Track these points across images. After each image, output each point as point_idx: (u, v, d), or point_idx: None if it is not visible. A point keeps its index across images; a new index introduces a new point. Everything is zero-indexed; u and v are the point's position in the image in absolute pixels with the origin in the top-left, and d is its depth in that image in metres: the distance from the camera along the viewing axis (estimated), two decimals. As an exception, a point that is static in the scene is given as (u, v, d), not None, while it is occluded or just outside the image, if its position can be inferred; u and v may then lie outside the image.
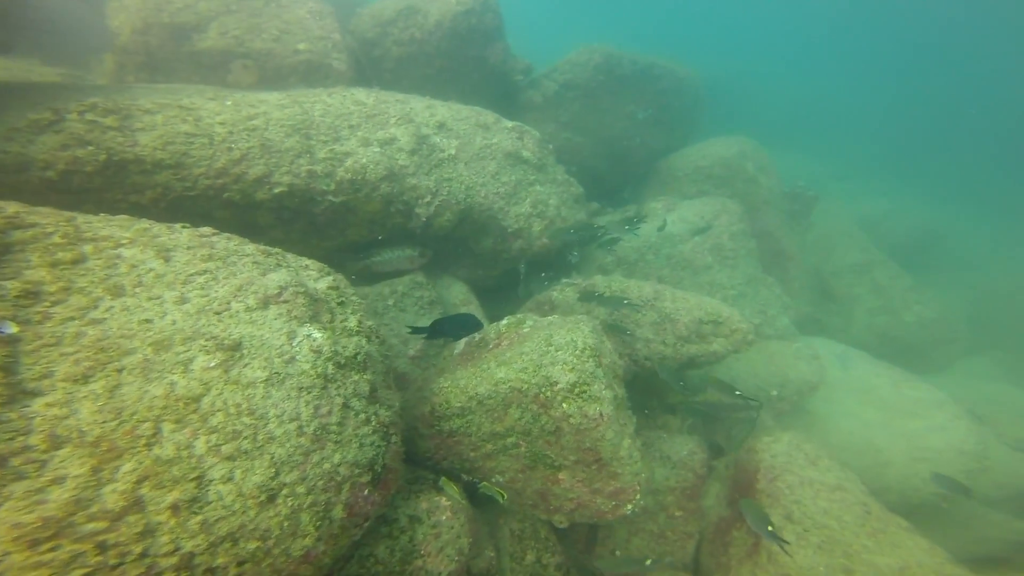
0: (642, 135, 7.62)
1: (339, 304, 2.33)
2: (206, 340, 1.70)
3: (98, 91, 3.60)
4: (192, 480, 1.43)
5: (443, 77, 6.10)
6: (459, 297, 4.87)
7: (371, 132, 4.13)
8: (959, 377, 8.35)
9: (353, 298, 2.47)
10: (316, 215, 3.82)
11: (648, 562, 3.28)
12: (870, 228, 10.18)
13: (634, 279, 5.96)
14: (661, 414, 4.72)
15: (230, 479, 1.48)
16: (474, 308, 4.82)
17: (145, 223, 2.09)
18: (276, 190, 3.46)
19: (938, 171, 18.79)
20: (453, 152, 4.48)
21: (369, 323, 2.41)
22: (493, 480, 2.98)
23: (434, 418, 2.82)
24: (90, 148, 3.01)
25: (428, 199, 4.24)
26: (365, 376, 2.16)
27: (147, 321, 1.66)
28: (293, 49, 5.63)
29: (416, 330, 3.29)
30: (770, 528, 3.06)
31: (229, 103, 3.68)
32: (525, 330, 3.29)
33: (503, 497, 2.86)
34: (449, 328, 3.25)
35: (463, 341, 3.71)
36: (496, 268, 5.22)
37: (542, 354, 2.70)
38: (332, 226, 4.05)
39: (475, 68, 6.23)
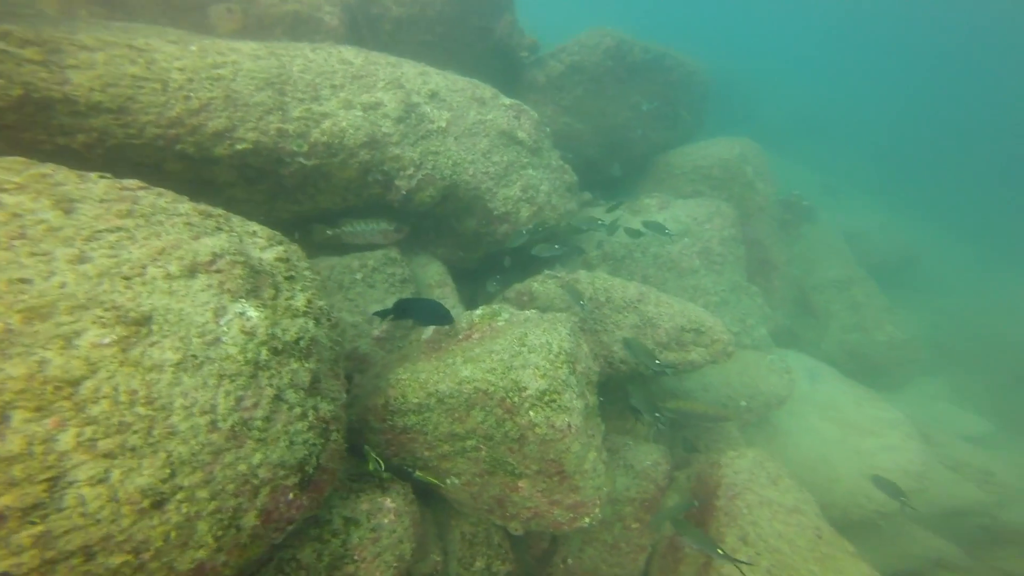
0: (644, 127, 7.35)
1: (287, 279, 2.05)
2: (104, 310, 1.42)
3: (19, 19, 3.16)
4: (41, 483, 1.18)
5: (443, 45, 5.71)
6: (434, 278, 4.60)
7: (355, 94, 3.78)
8: (912, 395, 8.57)
9: (305, 272, 2.20)
10: (284, 177, 3.49)
11: None
12: (855, 243, 10.15)
13: (619, 278, 5.79)
14: (629, 417, 4.59)
15: (102, 480, 1.23)
16: (449, 292, 4.57)
17: (47, 168, 1.76)
18: (239, 146, 3.12)
19: (929, 190, 19.00)
20: (443, 124, 4.16)
21: (320, 303, 2.15)
22: (448, 481, 2.78)
23: (387, 412, 2.59)
24: (0, 81, 2.61)
25: (411, 171, 3.94)
26: (307, 364, 1.91)
27: (22, 281, 1.37)
28: (281, -6, 5.16)
29: (380, 313, 3.02)
30: (720, 551, 2.96)
31: (194, 48, 3.29)
32: (499, 323, 3.06)
33: (443, 484, 2.68)
34: (415, 312, 3.00)
35: (431, 328, 3.47)
36: (478, 251, 4.95)
37: (513, 355, 2.47)
38: (301, 190, 3.72)
39: (478, 39, 5.84)
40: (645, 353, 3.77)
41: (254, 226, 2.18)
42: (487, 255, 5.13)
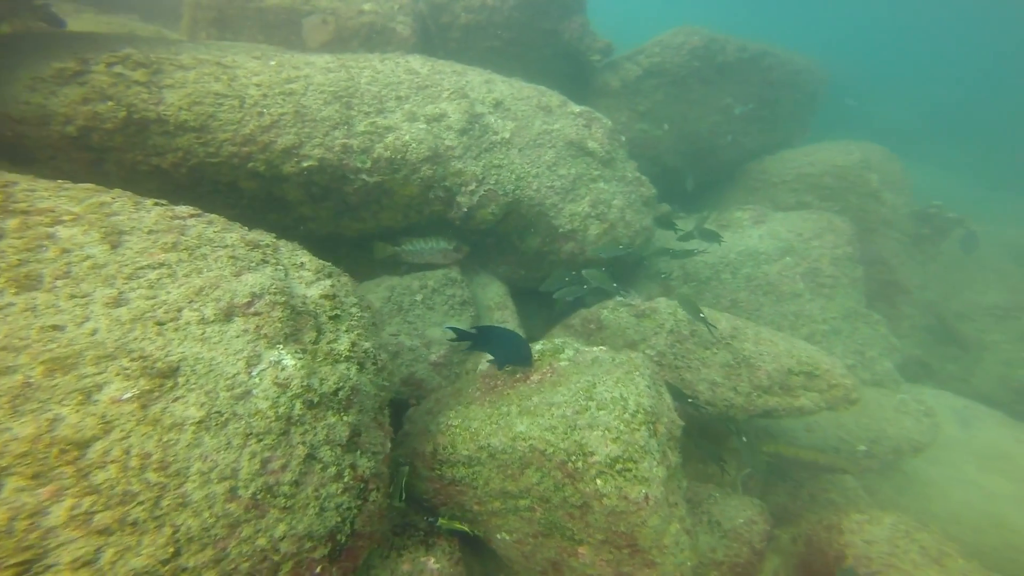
0: (735, 132, 6.59)
1: (331, 319, 1.87)
2: (131, 360, 1.30)
3: (144, 43, 3.39)
4: (9, 569, 1.02)
5: (510, 51, 5.49)
6: (494, 299, 4.35)
7: (419, 106, 3.64)
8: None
9: (352, 310, 2.00)
10: (348, 194, 3.43)
11: None
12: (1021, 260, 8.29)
13: (704, 304, 5.16)
14: (715, 463, 3.99)
15: (89, 563, 1.07)
16: (509, 315, 4.29)
17: (108, 195, 1.74)
18: (305, 163, 3.08)
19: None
20: (507, 135, 3.90)
21: (366, 345, 1.94)
22: (499, 537, 2.47)
23: (436, 461, 2.33)
24: (110, 104, 2.76)
25: (473, 187, 3.72)
26: (346, 418, 1.70)
27: (55, 328, 1.28)
28: (358, 9, 5.26)
29: (460, 335, 2.78)
30: None
31: (273, 63, 3.34)
32: (562, 363, 2.70)
33: (471, 532, 2.37)
34: (495, 345, 2.74)
35: (483, 367, 3.19)
36: (541, 270, 4.62)
37: (578, 410, 2.11)
38: (365, 207, 3.65)
39: (546, 43, 5.55)
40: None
41: (303, 256, 2.03)
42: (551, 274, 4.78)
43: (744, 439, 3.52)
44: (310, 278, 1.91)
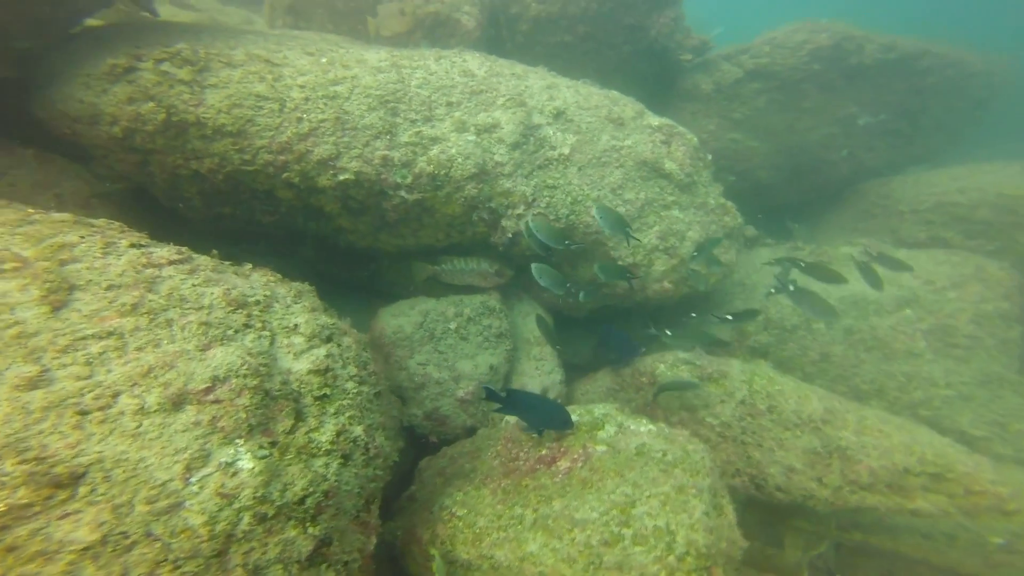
0: (855, 146, 5.49)
1: (319, 399, 1.55)
2: (19, 462, 1.05)
3: (208, 34, 3.28)
4: None
5: (583, 47, 4.89)
6: (535, 333, 3.90)
7: (471, 114, 3.24)
8: None
9: (349, 385, 1.67)
10: (386, 211, 3.13)
11: None
12: None
13: (782, 360, 4.35)
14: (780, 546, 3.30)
15: None
16: (548, 353, 3.83)
17: (76, 235, 1.52)
18: (341, 176, 2.81)
19: None
20: (567, 151, 3.38)
21: (358, 430, 1.60)
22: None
23: (428, 553, 1.98)
24: (151, 104, 2.64)
25: (520, 210, 3.27)
26: (313, 529, 1.38)
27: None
28: (423, -1, 4.93)
29: (489, 395, 2.46)
30: None
31: (324, 60, 3.09)
32: (599, 448, 2.21)
33: None
34: (528, 410, 2.36)
35: (511, 419, 2.79)
36: (592, 302, 4.10)
37: (608, 540, 1.64)
38: (404, 224, 3.34)
39: (627, 39, 4.87)
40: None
41: (299, 316, 1.72)
42: (604, 307, 4.23)
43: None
44: (301, 346, 1.60)
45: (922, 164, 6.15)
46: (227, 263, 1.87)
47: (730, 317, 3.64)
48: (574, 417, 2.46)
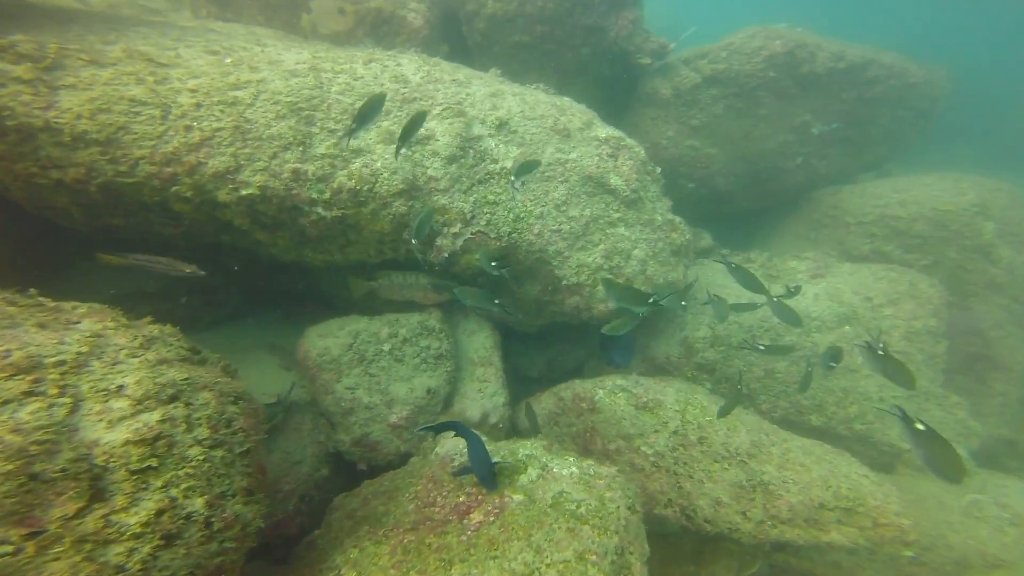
0: (809, 154, 5.50)
1: (136, 473, 1.35)
2: None
3: (78, 24, 2.89)
4: None
5: (543, 48, 4.67)
6: (479, 353, 3.74)
7: (401, 124, 3.00)
8: None
9: (191, 451, 1.47)
10: (304, 227, 2.88)
11: None
12: None
13: (732, 377, 4.34)
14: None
15: None
16: (492, 373, 3.68)
17: None
18: (244, 191, 2.54)
19: None
20: (508, 165, 3.20)
21: (198, 503, 1.42)
22: None
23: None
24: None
25: (457, 228, 3.07)
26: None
27: None
28: (367, -9, 4.59)
29: (426, 428, 2.32)
30: None
31: (228, 61, 2.78)
32: (515, 498, 2.07)
33: None
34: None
35: (442, 451, 2.63)
36: (540, 318, 3.97)
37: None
38: (329, 240, 3.10)
39: (586, 41, 4.68)
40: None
41: (128, 375, 1.46)
42: (552, 323, 4.11)
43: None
44: (124, 411, 1.38)
45: (872, 171, 6.25)
46: (46, 303, 1.63)
47: (762, 347, 3.49)
48: (496, 458, 2.32)
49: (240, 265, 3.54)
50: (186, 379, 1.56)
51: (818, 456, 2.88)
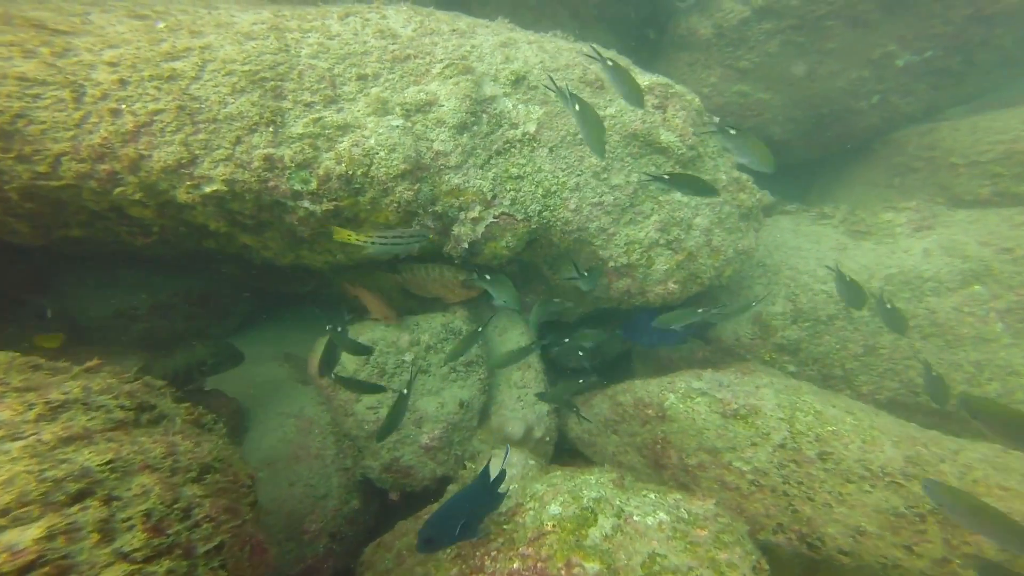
0: (887, 91, 4.58)
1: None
2: None
3: None
4: None
5: (555, -9, 3.99)
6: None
7: (395, 89, 2.43)
8: None
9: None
10: (293, 225, 2.38)
11: None
12: None
13: (824, 370, 3.61)
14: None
15: None
16: (532, 376, 3.13)
17: None
18: (207, 188, 2.05)
19: None
20: (532, 129, 2.58)
21: None
22: None
23: None
24: None
25: (476, 212, 2.50)
26: None
27: None
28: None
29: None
30: None
31: (162, 25, 2.27)
32: (589, 569, 1.51)
33: None
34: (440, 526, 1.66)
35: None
36: (582, 306, 3.38)
37: None
38: (326, 239, 2.59)
39: (608, -24, 3.96)
40: None
41: None
42: (599, 311, 3.50)
43: None
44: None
45: (966, 107, 5.20)
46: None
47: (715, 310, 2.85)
48: (556, 508, 1.75)
49: (241, 270, 3.12)
50: (109, 462, 1.07)
51: (1022, 474, 2.12)
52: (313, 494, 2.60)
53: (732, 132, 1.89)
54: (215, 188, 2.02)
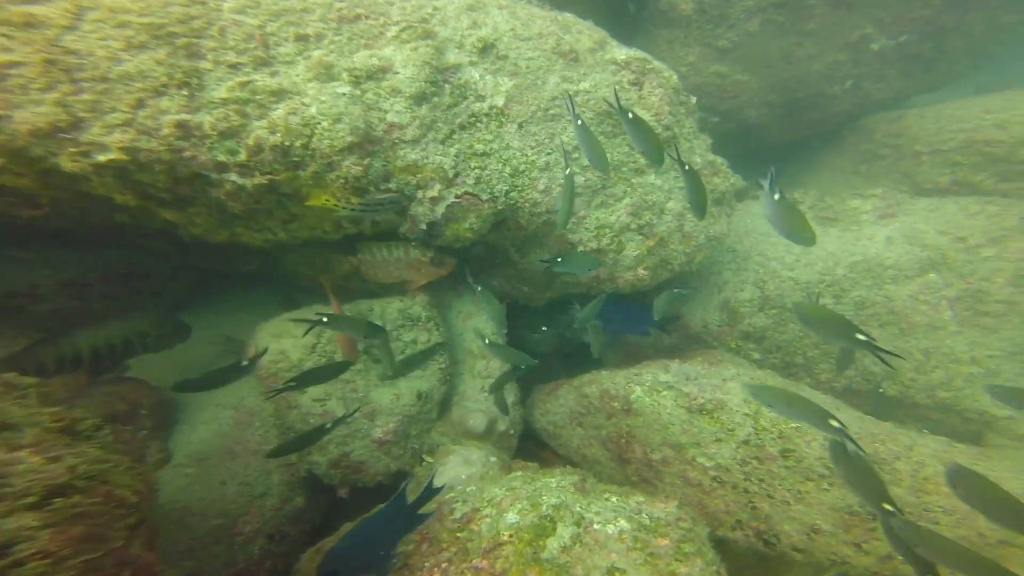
0: (860, 76, 4.53)
1: None
2: None
3: None
4: None
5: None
6: (477, 343, 3.04)
7: (341, 53, 2.14)
8: None
9: None
10: (222, 201, 2.09)
11: None
12: None
13: (784, 347, 3.64)
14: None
15: None
16: (495, 366, 2.99)
17: None
18: (101, 157, 1.74)
19: None
20: (500, 102, 2.35)
21: None
22: None
23: None
24: None
25: (436, 191, 2.27)
26: None
27: None
28: None
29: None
30: None
31: None
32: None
33: None
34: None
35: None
36: (549, 291, 3.24)
37: None
38: (263, 215, 2.31)
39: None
40: None
41: None
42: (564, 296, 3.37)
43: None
44: None
45: (932, 95, 5.26)
46: None
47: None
48: (512, 518, 1.63)
49: (172, 246, 2.80)
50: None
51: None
52: (249, 492, 2.40)
53: (631, 116, 1.77)
54: (112, 157, 1.72)
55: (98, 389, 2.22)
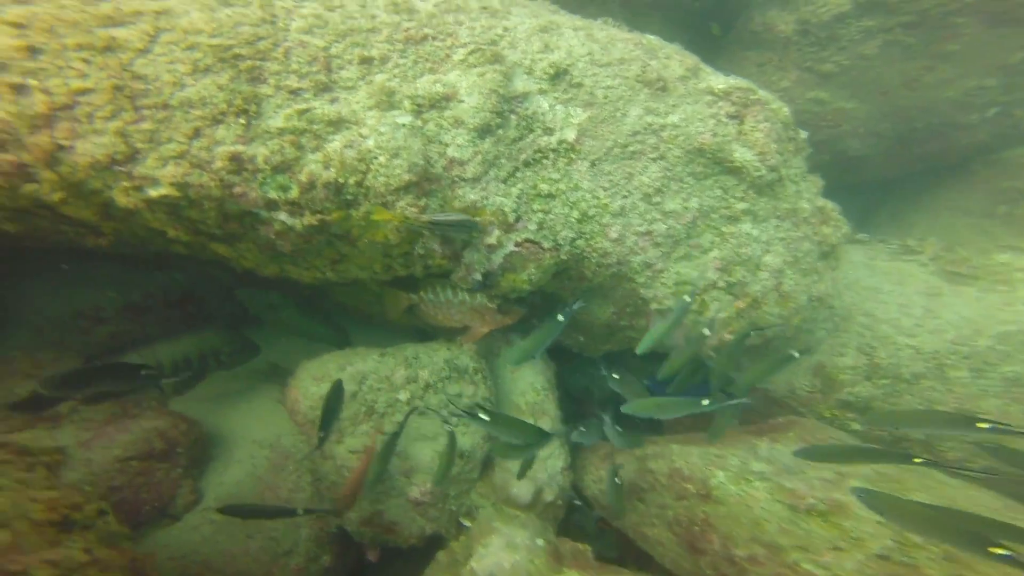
0: (1012, 103, 3.84)
1: None
2: None
3: None
4: None
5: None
6: (527, 397, 2.72)
7: (405, 77, 1.96)
8: None
9: None
10: (270, 239, 1.96)
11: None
12: None
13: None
14: None
15: None
16: (547, 422, 2.66)
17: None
18: (152, 192, 1.64)
19: None
20: (571, 136, 2.06)
21: None
22: None
23: None
24: None
25: (495, 237, 2.02)
26: None
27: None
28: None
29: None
30: None
31: None
32: None
33: None
34: None
35: (480, 569, 1.67)
36: (609, 343, 2.86)
37: None
38: (313, 255, 2.17)
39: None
40: None
41: None
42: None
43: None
44: None
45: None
46: None
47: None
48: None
49: (228, 273, 2.76)
50: None
51: None
52: (275, 549, 2.23)
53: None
54: (163, 192, 1.62)
55: (138, 424, 2.14)
